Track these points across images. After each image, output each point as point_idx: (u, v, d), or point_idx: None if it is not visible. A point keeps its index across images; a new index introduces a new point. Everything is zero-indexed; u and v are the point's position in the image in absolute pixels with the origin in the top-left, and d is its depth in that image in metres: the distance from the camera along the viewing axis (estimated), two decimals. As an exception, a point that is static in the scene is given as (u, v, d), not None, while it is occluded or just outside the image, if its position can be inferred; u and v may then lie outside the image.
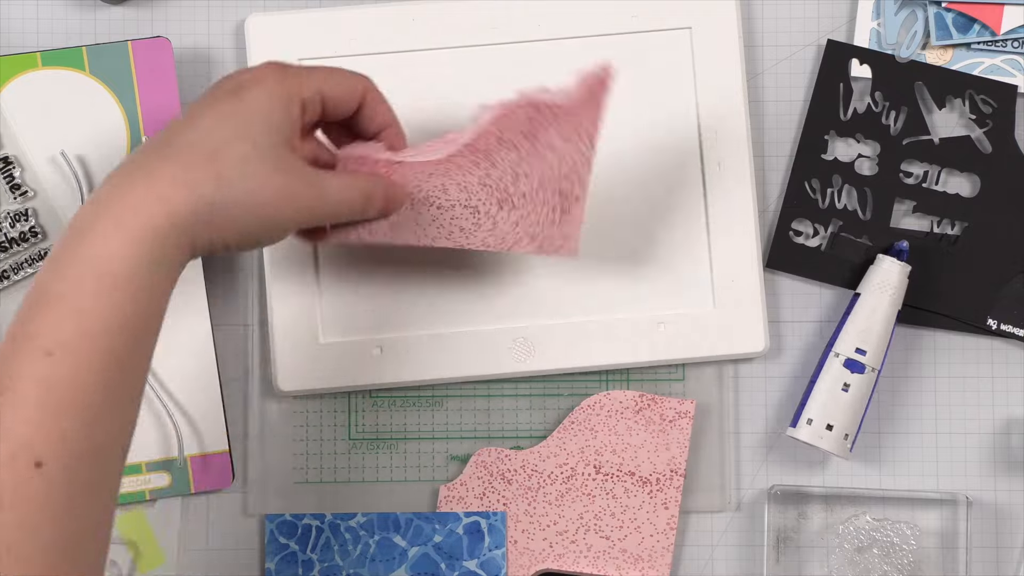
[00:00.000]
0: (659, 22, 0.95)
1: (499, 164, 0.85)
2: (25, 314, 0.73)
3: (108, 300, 0.73)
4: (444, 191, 0.85)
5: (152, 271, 0.74)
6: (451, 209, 0.86)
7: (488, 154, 0.84)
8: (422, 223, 0.86)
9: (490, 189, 0.85)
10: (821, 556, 0.96)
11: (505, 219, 0.86)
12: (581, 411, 0.95)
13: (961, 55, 0.97)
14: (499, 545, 0.94)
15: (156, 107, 0.94)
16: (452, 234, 0.87)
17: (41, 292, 0.73)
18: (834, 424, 0.92)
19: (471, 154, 0.84)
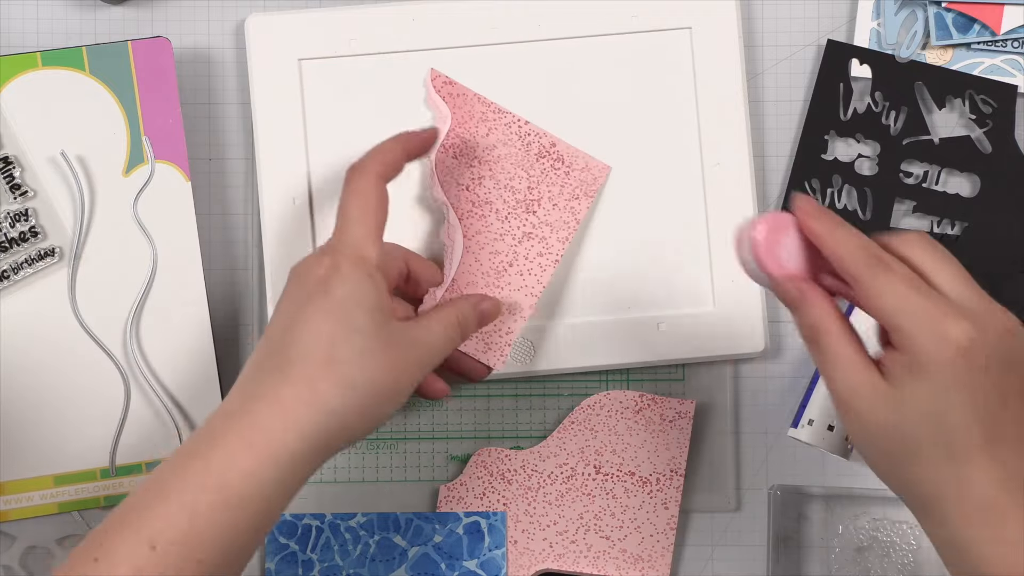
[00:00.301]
0: (659, 22, 0.95)
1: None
2: (141, 498, 0.75)
3: (224, 514, 0.74)
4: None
5: (275, 490, 0.76)
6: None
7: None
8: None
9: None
10: (821, 556, 0.96)
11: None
12: (581, 411, 0.95)
13: (961, 55, 0.97)
14: (499, 545, 0.94)
15: (156, 107, 0.94)
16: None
17: (161, 484, 0.74)
18: (835, 425, 0.92)
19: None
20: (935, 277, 0.74)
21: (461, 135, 0.92)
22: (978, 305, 0.73)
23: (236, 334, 0.96)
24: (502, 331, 0.92)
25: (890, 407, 0.73)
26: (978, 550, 0.72)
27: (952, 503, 0.72)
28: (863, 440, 0.75)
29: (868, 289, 0.74)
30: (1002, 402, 0.72)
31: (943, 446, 0.72)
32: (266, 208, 0.94)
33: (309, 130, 0.94)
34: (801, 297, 0.77)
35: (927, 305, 0.72)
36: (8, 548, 0.95)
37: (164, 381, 0.94)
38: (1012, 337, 0.73)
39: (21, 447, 0.93)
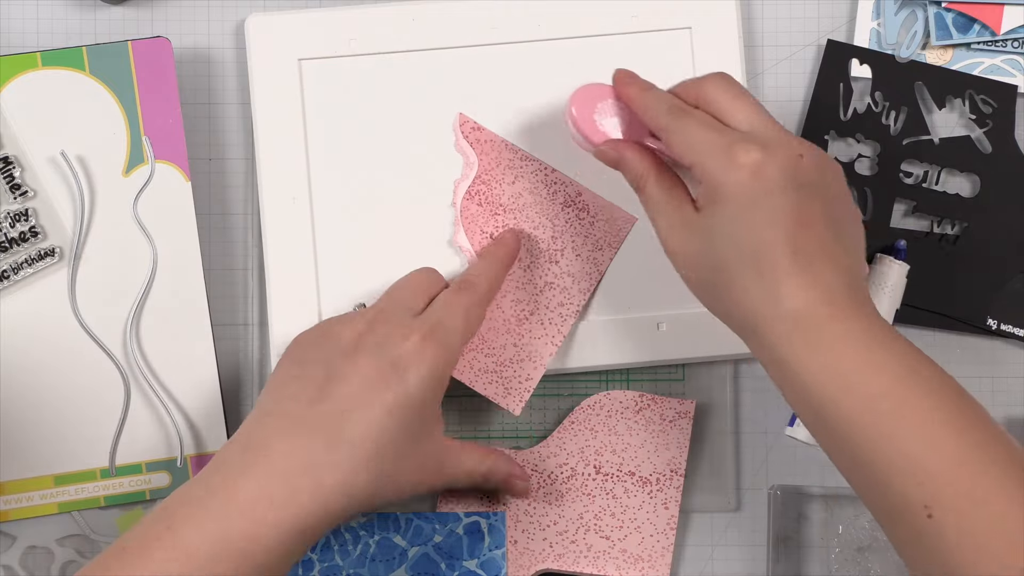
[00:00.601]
0: (659, 22, 0.95)
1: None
2: (147, 529, 0.78)
3: (225, 568, 0.77)
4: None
5: (279, 559, 0.78)
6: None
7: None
8: None
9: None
10: (821, 556, 0.96)
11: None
12: (581, 411, 0.95)
13: (961, 55, 0.97)
14: (499, 545, 0.94)
15: (156, 107, 0.94)
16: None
17: (169, 519, 0.77)
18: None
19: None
20: (731, 116, 0.80)
21: (487, 182, 0.93)
22: (770, 135, 0.78)
23: (236, 334, 0.96)
24: (521, 377, 0.92)
25: (700, 236, 0.78)
26: (797, 362, 0.75)
27: (768, 321, 0.76)
28: (685, 274, 0.81)
29: (669, 135, 0.81)
30: (803, 222, 0.76)
31: (751, 266, 0.76)
32: (266, 208, 0.94)
33: (309, 130, 0.94)
34: (619, 156, 0.84)
35: (718, 138, 0.78)
36: (8, 548, 0.95)
37: (164, 381, 0.94)
38: (805, 161, 0.77)
39: (21, 447, 0.93)
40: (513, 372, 0.92)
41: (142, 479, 0.94)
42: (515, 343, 0.92)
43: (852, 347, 0.75)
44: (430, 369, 0.82)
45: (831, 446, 0.76)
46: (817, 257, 0.76)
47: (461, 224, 0.93)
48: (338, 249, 0.94)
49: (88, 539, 0.95)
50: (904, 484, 0.73)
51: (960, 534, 0.71)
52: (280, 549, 0.78)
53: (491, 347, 0.92)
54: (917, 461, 0.73)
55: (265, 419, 0.82)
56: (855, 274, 0.78)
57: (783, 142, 0.78)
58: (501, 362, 0.92)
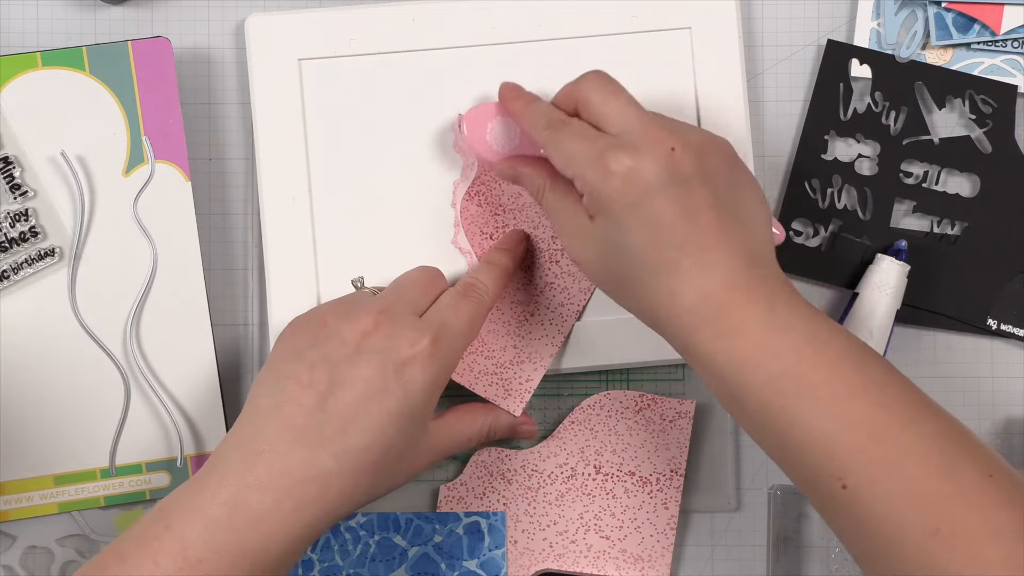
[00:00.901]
0: (659, 22, 0.95)
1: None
2: (146, 529, 0.78)
3: (226, 571, 0.77)
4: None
5: (282, 562, 0.79)
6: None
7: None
8: None
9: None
10: (821, 556, 0.96)
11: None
12: (581, 411, 0.95)
13: (961, 55, 0.97)
14: (499, 545, 0.94)
15: (156, 107, 0.94)
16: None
17: (167, 519, 0.77)
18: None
19: None
20: (605, 120, 0.81)
21: (486, 182, 0.93)
22: (640, 132, 0.79)
23: (236, 334, 0.96)
24: (521, 379, 0.92)
25: (595, 244, 0.80)
26: (704, 352, 0.77)
27: (670, 317, 0.78)
28: (592, 278, 0.83)
29: (548, 149, 0.82)
30: (685, 215, 0.77)
31: (643, 268, 0.77)
32: (266, 208, 0.94)
33: (309, 130, 0.94)
34: (515, 172, 0.87)
35: (590, 148, 0.79)
36: (8, 548, 0.95)
37: (164, 381, 0.94)
38: (677, 153, 0.78)
39: (21, 447, 0.93)
40: (513, 374, 0.92)
41: (142, 479, 0.94)
42: (515, 344, 0.92)
43: (752, 332, 0.76)
44: (433, 375, 0.82)
45: (748, 427, 0.78)
46: (708, 246, 0.77)
47: (461, 225, 0.93)
48: (338, 249, 0.94)
49: (88, 539, 0.95)
50: (816, 458, 0.74)
51: (875, 500, 0.73)
52: (283, 554, 0.78)
53: (491, 349, 0.92)
54: (827, 436, 0.74)
55: (265, 420, 0.81)
56: (756, 249, 0.78)
57: (653, 138, 0.79)
58: (501, 364, 0.92)
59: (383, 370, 0.81)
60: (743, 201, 0.80)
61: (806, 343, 0.75)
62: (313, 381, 0.81)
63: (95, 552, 0.94)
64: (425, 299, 0.86)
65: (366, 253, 0.94)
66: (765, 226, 0.80)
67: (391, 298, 0.85)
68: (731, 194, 0.79)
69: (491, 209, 0.93)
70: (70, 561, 0.95)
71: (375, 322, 0.83)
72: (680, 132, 0.80)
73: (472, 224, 0.93)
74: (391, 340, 0.82)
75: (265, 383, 0.83)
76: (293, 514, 0.78)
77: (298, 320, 0.86)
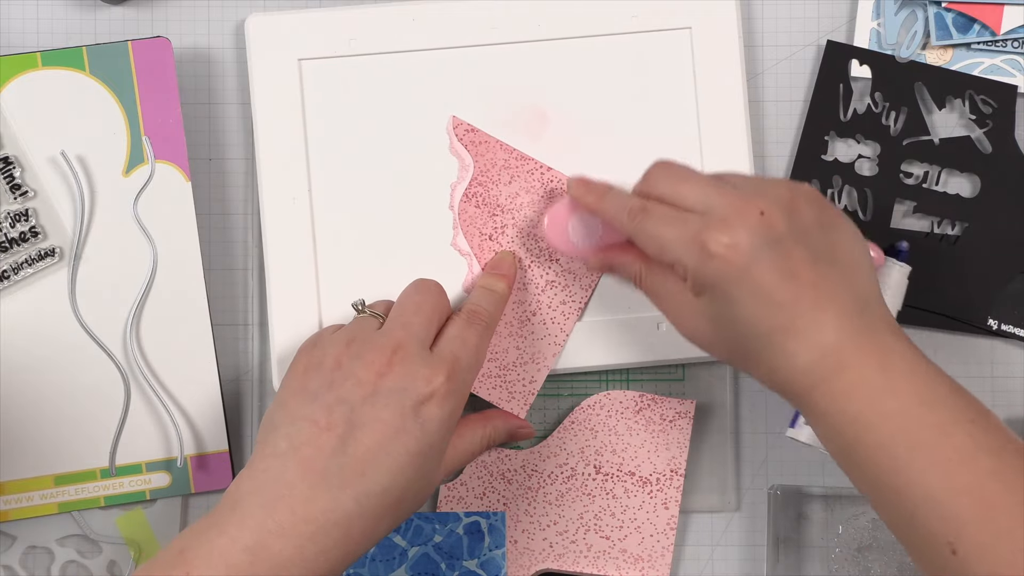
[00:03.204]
0: (659, 22, 0.95)
1: None
2: (166, 573, 0.76)
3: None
4: None
5: (300, 564, 0.78)
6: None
7: None
8: None
9: None
10: (821, 556, 0.96)
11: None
12: (581, 411, 0.95)
13: (961, 55, 0.97)
14: (499, 545, 0.94)
15: (156, 107, 0.94)
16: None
17: (187, 566, 0.76)
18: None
19: None
20: (684, 200, 0.80)
21: (483, 183, 0.93)
22: (726, 205, 0.79)
23: (236, 334, 0.96)
24: (525, 380, 0.92)
25: (704, 320, 0.80)
26: (821, 408, 0.78)
27: (786, 382, 0.78)
28: (709, 352, 0.83)
29: (637, 240, 0.82)
30: (789, 276, 0.77)
31: (756, 338, 0.78)
32: (266, 208, 0.94)
33: (309, 130, 0.94)
34: (607, 265, 0.87)
35: (682, 233, 0.79)
36: (8, 548, 0.95)
37: (164, 381, 0.94)
38: (767, 216, 0.78)
39: (21, 447, 0.93)
40: (517, 375, 0.92)
41: (142, 479, 0.94)
42: (517, 346, 0.92)
43: (865, 393, 0.76)
44: (450, 410, 0.82)
45: (860, 484, 0.78)
46: (812, 303, 0.77)
47: (460, 227, 0.93)
48: (338, 249, 0.94)
49: (88, 539, 0.95)
50: (927, 521, 0.74)
51: (984, 567, 0.73)
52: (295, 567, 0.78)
53: (494, 351, 0.92)
54: (937, 499, 0.74)
55: (284, 462, 0.79)
56: (861, 291, 0.79)
57: (739, 209, 0.78)
58: (504, 366, 0.92)
59: (402, 410, 0.80)
60: (839, 244, 0.80)
61: (918, 403, 0.76)
62: (331, 424, 0.80)
63: (95, 552, 0.94)
64: (431, 329, 0.84)
65: (366, 253, 0.94)
66: (865, 264, 0.80)
67: (400, 333, 0.83)
68: (826, 241, 0.79)
69: (488, 210, 0.93)
70: (70, 561, 0.95)
71: (389, 362, 0.81)
72: (763, 191, 0.80)
73: (471, 225, 0.93)
74: (407, 380, 0.81)
75: (280, 424, 0.81)
76: (315, 559, 0.77)
77: (308, 358, 0.84)
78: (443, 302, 0.86)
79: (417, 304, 0.85)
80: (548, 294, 0.93)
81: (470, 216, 0.93)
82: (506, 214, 0.93)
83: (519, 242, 0.93)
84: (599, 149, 0.94)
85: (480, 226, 0.93)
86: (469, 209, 0.93)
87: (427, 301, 0.86)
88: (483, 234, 0.93)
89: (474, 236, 0.93)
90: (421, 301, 0.85)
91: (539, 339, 0.92)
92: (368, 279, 0.93)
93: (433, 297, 0.86)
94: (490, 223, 0.93)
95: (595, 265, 0.88)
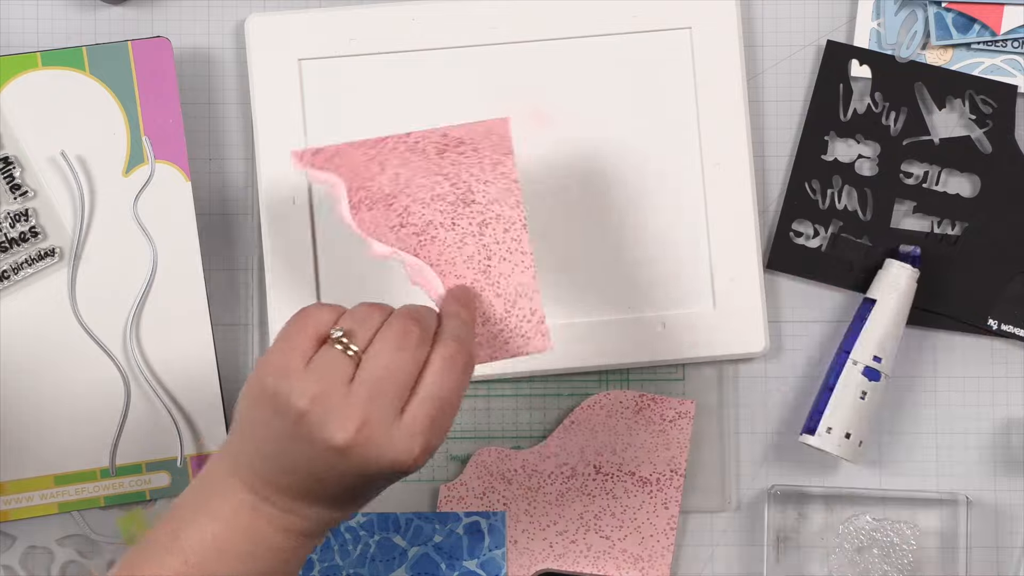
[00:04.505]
0: (659, 22, 0.95)
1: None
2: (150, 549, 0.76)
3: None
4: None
5: (289, 550, 0.78)
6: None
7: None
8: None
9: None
10: (821, 556, 0.96)
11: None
12: (581, 411, 0.95)
13: (961, 55, 0.97)
14: (499, 545, 0.94)
15: (156, 107, 0.94)
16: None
17: (173, 534, 0.76)
18: (852, 432, 0.92)
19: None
20: None
21: (360, 187, 0.88)
22: None
23: (236, 334, 0.96)
24: (527, 316, 0.88)
25: None
26: None
27: None
28: None
29: None
30: None
31: None
32: (266, 208, 0.94)
33: (309, 130, 0.94)
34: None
35: None
36: (8, 548, 0.95)
37: (164, 381, 0.94)
38: None
39: (21, 447, 0.93)
40: (516, 319, 0.89)
41: (142, 479, 0.94)
42: (497, 293, 0.88)
43: None
44: (427, 459, 0.77)
45: None
46: None
47: (367, 238, 0.87)
48: (338, 249, 0.94)
49: (88, 539, 0.95)
50: None
51: None
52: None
53: (482, 316, 0.89)
54: None
55: (254, 471, 0.77)
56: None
57: None
58: (499, 318, 0.90)
59: (364, 479, 0.76)
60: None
61: None
62: (294, 470, 0.76)
63: (95, 552, 0.94)
64: (405, 390, 0.76)
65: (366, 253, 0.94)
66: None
67: (368, 403, 0.75)
68: None
69: (382, 203, 0.88)
70: (70, 561, 0.95)
71: (352, 440, 0.75)
72: None
73: (376, 228, 0.88)
74: (372, 460, 0.75)
75: (248, 437, 0.77)
76: (304, 548, 0.78)
77: (276, 386, 0.76)
78: (423, 357, 0.78)
79: (395, 364, 0.76)
80: (488, 234, 0.88)
81: (370, 220, 0.87)
82: (400, 196, 0.88)
83: (429, 210, 0.88)
84: (599, 149, 0.94)
85: (385, 222, 0.88)
86: (364, 215, 0.87)
87: (406, 360, 0.77)
88: (391, 227, 0.88)
89: (385, 234, 0.87)
90: (399, 361, 0.76)
91: (509, 276, 0.88)
92: (368, 279, 0.93)
93: (414, 353, 0.77)
94: (390, 214, 0.88)
95: None
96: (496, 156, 0.89)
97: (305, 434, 0.75)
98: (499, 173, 0.88)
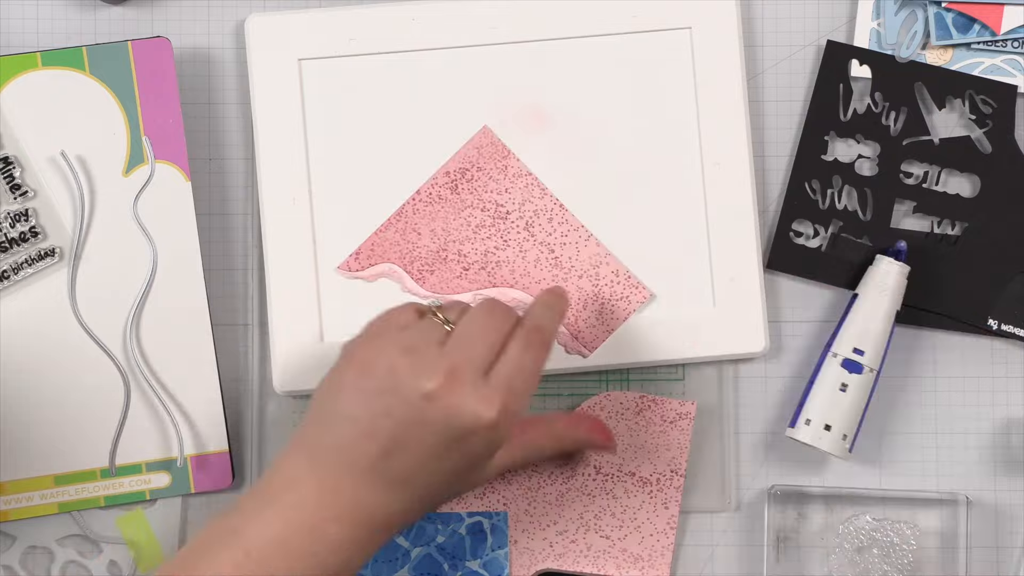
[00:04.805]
0: (659, 22, 0.95)
1: None
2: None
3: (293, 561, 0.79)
4: None
5: (353, 547, 0.80)
6: None
7: None
8: None
9: None
10: (821, 556, 0.96)
11: None
12: (581, 411, 0.95)
13: (961, 55, 0.97)
14: (502, 545, 0.94)
15: (156, 107, 0.94)
16: None
17: (234, 529, 0.79)
18: (832, 424, 0.92)
19: None
20: None
21: (412, 260, 0.93)
22: None
23: (236, 334, 0.96)
24: (612, 279, 0.93)
25: None
26: None
27: None
28: None
29: None
30: None
31: None
32: (266, 208, 0.94)
33: (309, 130, 0.94)
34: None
35: None
36: (8, 548, 0.95)
37: (164, 381, 0.94)
38: None
39: (21, 447, 0.93)
40: (607, 287, 0.94)
41: (142, 479, 0.94)
42: (578, 275, 0.93)
43: None
44: (497, 440, 0.81)
45: None
46: None
47: (447, 294, 0.94)
48: (338, 250, 0.94)
49: (88, 539, 0.95)
50: None
51: None
52: (350, 541, 0.80)
53: (579, 303, 0.94)
54: None
55: (327, 457, 0.80)
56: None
57: None
58: (594, 296, 0.93)
59: (445, 440, 0.80)
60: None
61: None
62: (374, 432, 0.79)
63: (95, 552, 0.94)
64: (492, 354, 0.81)
65: (366, 253, 0.94)
66: None
67: (458, 356, 0.80)
68: None
69: (438, 260, 0.93)
70: (70, 561, 0.95)
71: (440, 387, 0.79)
72: None
73: (448, 284, 0.93)
74: (455, 410, 0.79)
75: (327, 416, 0.81)
76: (365, 551, 0.81)
77: (365, 352, 0.82)
78: (508, 320, 0.83)
79: (484, 328, 0.82)
80: (536, 229, 0.92)
81: (439, 281, 0.93)
82: (448, 245, 0.93)
83: (477, 240, 0.93)
84: (599, 149, 0.94)
85: (450, 275, 0.93)
86: (431, 281, 0.93)
87: (494, 327, 0.82)
88: (457, 275, 0.93)
89: (458, 284, 0.93)
90: (485, 323, 0.82)
91: (577, 254, 0.93)
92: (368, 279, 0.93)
93: (501, 323, 0.82)
94: (451, 265, 0.93)
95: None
96: (499, 163, 0.91)
97: (394, 386, 0.80)
98: (511, 175, 0.91)
